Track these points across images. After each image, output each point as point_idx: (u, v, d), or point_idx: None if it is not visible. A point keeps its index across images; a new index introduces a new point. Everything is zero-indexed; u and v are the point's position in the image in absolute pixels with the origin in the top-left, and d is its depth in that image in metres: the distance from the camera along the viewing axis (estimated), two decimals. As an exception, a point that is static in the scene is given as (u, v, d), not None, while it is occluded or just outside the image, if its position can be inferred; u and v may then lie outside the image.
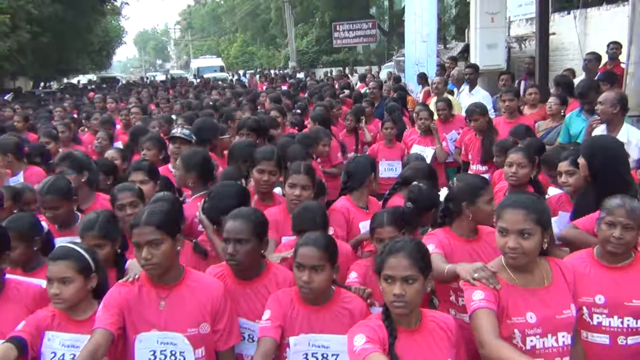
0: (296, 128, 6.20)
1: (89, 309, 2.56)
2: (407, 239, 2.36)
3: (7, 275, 2.74)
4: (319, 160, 5.49)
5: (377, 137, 7.01)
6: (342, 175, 3.95)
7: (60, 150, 5.88)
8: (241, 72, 35.52)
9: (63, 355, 2.45)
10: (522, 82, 8.85)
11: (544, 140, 5.41)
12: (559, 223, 3.43)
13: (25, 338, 2.41)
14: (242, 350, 2.71)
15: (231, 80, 25.82)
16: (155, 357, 2.45)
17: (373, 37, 30.67)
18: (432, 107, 6.76)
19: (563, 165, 3.66)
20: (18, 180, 4.75)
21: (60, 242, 3.26)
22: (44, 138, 6.05)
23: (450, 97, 7.37)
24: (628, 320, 2.56)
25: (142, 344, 2.46)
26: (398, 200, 3.64)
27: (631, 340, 2.58)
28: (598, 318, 2.60)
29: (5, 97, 19.17)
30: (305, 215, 3.08)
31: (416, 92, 10.93)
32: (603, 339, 2.59)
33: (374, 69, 21.90)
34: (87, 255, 2.53)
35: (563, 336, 2.36)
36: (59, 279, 2.45)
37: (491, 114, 6.80)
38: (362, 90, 10.99)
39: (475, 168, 5.66)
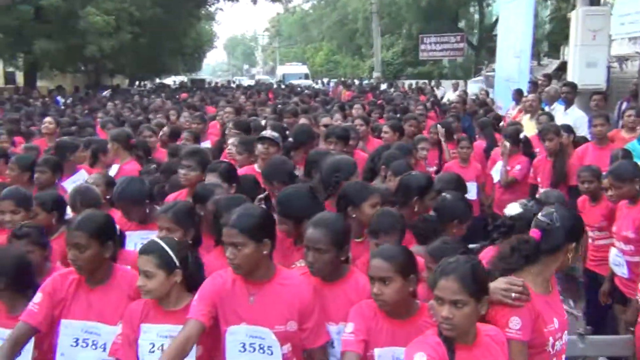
0: (396, 134, 6.11)
1: (182, 300, 2.62)
2: (462, 260, 2.22)
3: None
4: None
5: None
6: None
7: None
8: (325, 80, 35.88)
9: (162, 345, 2.54)
10: (624, 104, 8.36)
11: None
12: None
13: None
14: None
15: (312, 87, 26.10)
16: (245, 350, 2.53)
17: (460, 50, 30.08)
18: (524, 124, 6.53)
19: None
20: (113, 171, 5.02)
21: (139, 235, 3.45)
22: (147, 131, 6.30)
23: (528, 120, 7.12)
24: None
25: (232, 336, 2.54)
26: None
27: None
28: None
29: (104, 94, 20.38)
30: (385, 220, 3.03)
31: (507, 108, 10.59)
32: None
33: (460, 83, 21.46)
34: (170, 251, 2.58)
35: (565, 334, 2.51)
36: (143, 272, 2.54)
37: (586, 134, 6.48)
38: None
39: (544, 192, 5.42)
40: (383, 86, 22.88)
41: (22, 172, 4.61)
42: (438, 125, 6.93)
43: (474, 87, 18.06)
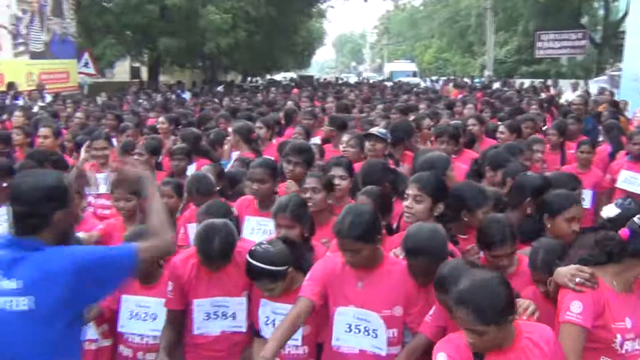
0: (513, 135, 5.89)
1: (295, 283, 2.82)
2: (478, 285, 2.07)
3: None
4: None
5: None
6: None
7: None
8: (434, 78, 35.25)
9: (274, 320, 2.81)
10: None
11: None
12: None
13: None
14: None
15: (421, 85, 25.72)
16: (351, 330, 2.65)
17: (582, 48, 28.27)
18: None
19: None
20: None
21: (257, 221, 3.60)
22: (259, 123, 6.55)
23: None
24: None
25: (340, 317, 2.67)
26: None
27: None
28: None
29: (218, 89, 21.38)
30: (494, 228, 2.91)
31: (633, 111, 9.83)
32: None
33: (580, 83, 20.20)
34: (275, 267, 2.73)
35: None
36: (265, 289, 2.80)
37: None
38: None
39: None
40: (495, 85, 22.07)
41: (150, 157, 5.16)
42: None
43: (595, 87, 16.95)
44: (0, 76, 15.63)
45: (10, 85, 14.08)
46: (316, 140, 6.73)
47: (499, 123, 6.95)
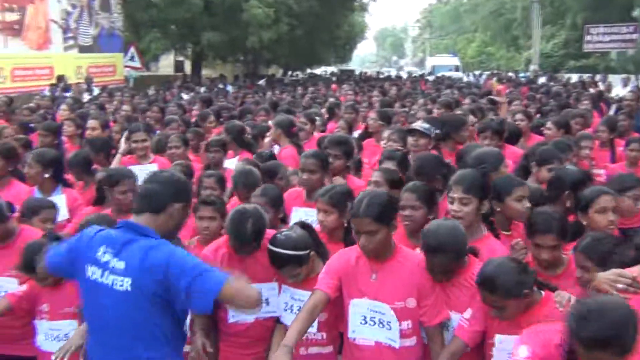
0: (561, 131, 5.73)
1: (313, 270, 2.89)
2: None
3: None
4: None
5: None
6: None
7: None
8: (477, 72, 34.63)
9: (292, 306, 2.90)
10: None
11: None
12: None
13: None
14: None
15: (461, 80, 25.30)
16: (365, 322, 2.68)
17: (633, 42, 27.36)
18: None
19: None
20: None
21: (305, 212, 3.63)
22: (303, 118, 6.55)
23: None
24: None
25: (354, 308, 2.71)
26: None
27: None
28: None
29: (260, 82, 21.55)
30: (540, 216, 2.87)
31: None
32: None
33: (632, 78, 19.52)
34: (299, 252, 2.82)
35: None
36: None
37: None
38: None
39: None
40: (541, 79, 21.54)
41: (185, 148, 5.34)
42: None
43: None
44: (51, 69, 16.15)
45: (60, 78, 14.53)
46: (355, 134, 6.74)
47: (544, 119, 6.79)
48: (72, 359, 2.56)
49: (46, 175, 4.22)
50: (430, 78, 24.04)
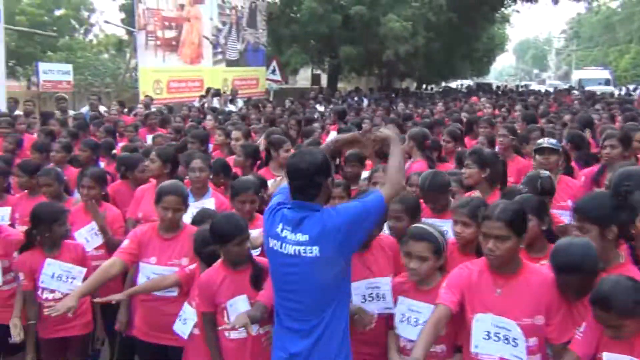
0: None
1: (434, 280, 2.90)
2: None
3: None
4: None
5: None
6: None
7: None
8: (631, 86, 31.80)
9: (409, 317, 2.90)
10: None
11: None
12: None
13: None
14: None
15: (618, 94, 23.34)
16: (489, 338, 2.63)
17: None
18: None
19: None
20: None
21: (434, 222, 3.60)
22: (446, 136, 6.41)
23: None
24: None
25: (478, 323, 2.67)
26: None
27: None
28: None
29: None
30: None
31: None
32: None
33: None
34: (439, 238, 2.86)
35: None
36: (418, 257, 2.83)
37: None
38: None
39: None
40: None
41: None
42: None
43: None
44: (201, 82, 17.47)
45: (208, 90, 15.63)
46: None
47: None
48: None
49: (208, 177, 4.54)
50: (576, 92, 22.49)
